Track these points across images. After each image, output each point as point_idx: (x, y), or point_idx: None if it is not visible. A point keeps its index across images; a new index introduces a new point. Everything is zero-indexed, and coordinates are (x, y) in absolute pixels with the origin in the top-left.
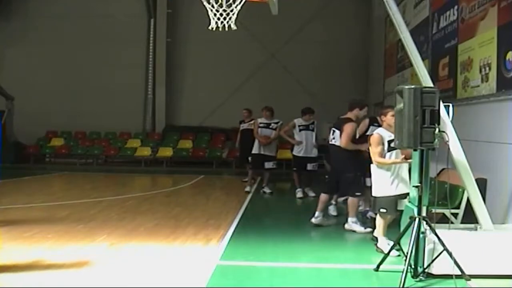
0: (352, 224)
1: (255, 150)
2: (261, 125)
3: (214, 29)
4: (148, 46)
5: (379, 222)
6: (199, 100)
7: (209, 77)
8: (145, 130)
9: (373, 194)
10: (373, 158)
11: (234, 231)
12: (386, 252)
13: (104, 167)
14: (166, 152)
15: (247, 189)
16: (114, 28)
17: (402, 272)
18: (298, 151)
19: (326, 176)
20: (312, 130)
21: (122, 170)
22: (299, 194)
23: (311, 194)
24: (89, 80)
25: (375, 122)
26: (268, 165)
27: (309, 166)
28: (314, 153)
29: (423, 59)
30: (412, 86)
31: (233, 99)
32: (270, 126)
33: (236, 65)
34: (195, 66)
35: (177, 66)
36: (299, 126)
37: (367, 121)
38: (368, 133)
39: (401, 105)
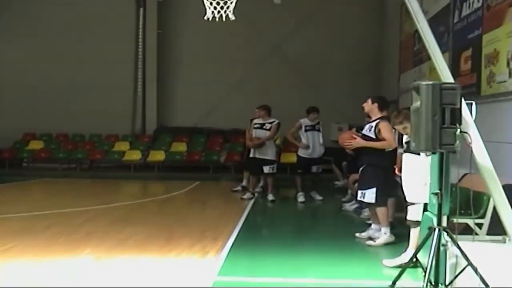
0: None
1: (251, 154)
2: (255, 125)
3: (210, 19)
4: (137, 38)
5: None
6: (194, 98)
7: (205, 73)
8: (134, 132)
9: None
10: None
11: (233, 242)
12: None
13: (89, 173)
14: (157, 156)
15: (244, 196)
16: (99, 18)
17: None
18: (304, 152)
19: (336, 183)
20: (318, 130)
21: (109, 176)
22: (300, 198)
23: (318, 197)
24: (72, 76)
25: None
26: (266, 169)
27: (314, 168)
28: (320, 152)
29: (442, 52)
30: (430, 82)
31: (232, 97)
32: (264, 127)
33: (235, 59)
34: (190, 61)
35: (169, 61)
36: (305, 126)
37: None
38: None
39: (418, 103)
